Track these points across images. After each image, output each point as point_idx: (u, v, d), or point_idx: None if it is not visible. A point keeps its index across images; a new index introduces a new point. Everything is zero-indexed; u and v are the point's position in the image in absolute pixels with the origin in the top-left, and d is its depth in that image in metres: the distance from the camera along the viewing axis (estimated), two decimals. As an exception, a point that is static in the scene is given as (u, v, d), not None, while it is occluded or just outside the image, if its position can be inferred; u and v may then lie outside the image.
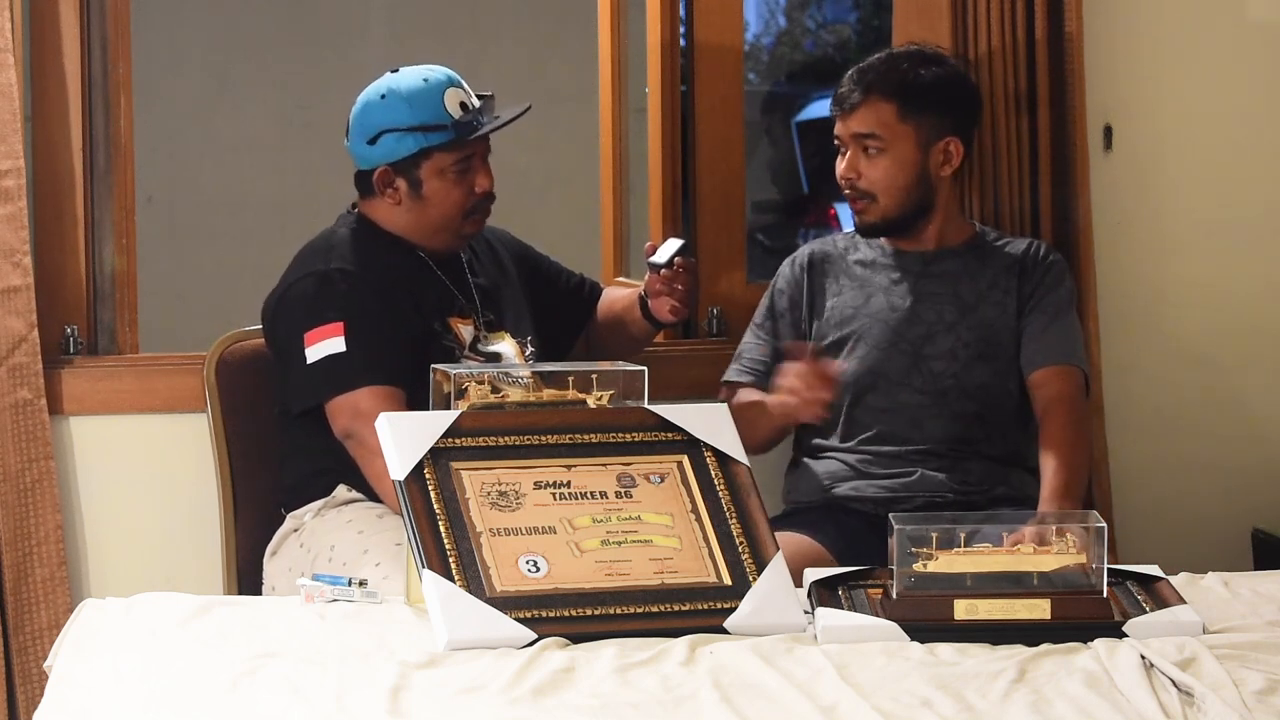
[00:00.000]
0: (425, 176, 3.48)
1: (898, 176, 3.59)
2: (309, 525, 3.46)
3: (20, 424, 3.73)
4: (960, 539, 2.71)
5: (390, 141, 3.46)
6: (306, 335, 3.38)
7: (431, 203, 3.50)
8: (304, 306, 3.42)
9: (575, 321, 3.78)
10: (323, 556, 3.36)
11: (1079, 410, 3.57)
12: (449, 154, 3.47)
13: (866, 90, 3.57)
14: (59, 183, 3.84)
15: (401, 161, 3.47)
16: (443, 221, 3.51)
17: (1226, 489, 4.09)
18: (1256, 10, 4.07)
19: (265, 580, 3.53)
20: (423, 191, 3.49)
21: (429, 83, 3.47)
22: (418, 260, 3.53)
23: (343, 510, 3.44)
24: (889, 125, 3.57)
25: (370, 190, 3.53)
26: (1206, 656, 2.54)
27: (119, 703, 2.43)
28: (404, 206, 3.51)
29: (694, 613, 2.68)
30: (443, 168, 3.48)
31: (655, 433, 2.85)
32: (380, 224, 3.53)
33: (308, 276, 3.45)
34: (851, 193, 3.61)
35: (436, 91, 3.47)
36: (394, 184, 3.49)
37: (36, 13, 3.80)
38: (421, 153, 3.47)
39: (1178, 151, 4.08)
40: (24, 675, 3.73)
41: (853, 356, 3.64)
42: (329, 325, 3.37)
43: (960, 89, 3.67)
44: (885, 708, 2.39)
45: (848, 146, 3.61)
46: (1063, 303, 3.64)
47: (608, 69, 4.28)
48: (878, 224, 3.63)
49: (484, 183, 3.51)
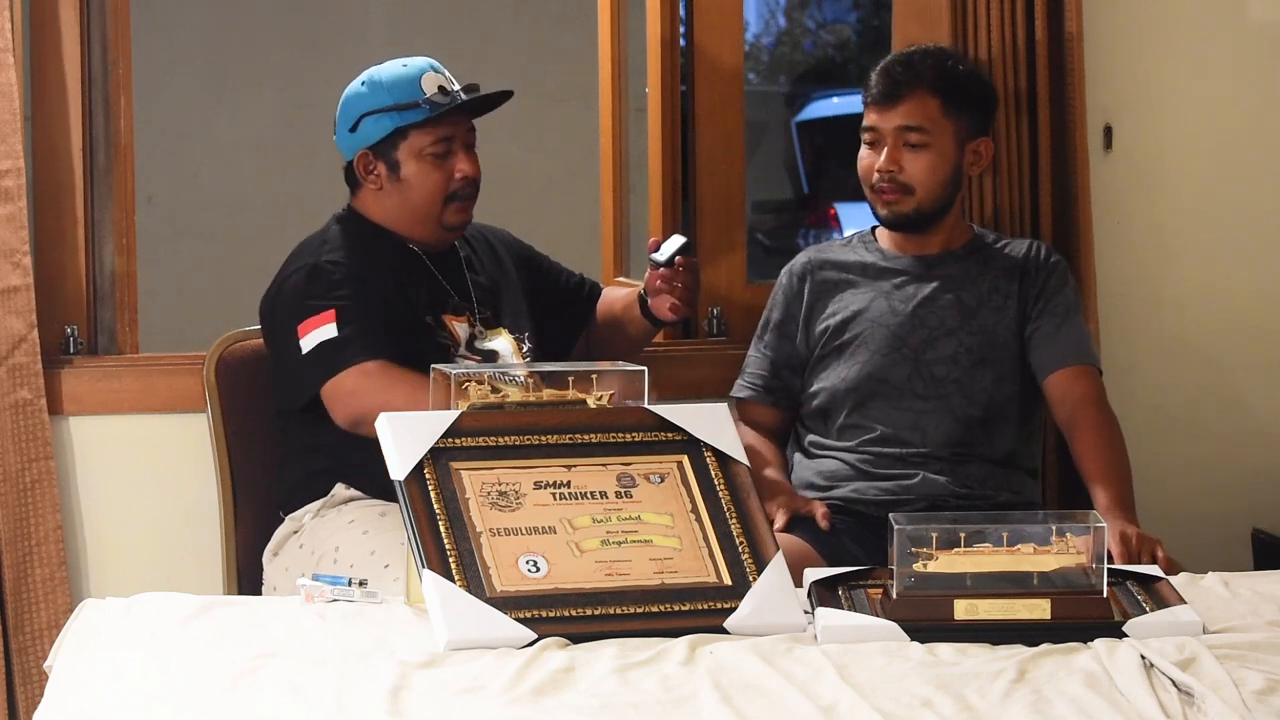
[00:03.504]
0: (403, 158, 3.49)
1: (939, 170, 3.58)
2: (309, 526, 3.46)
3: (20, 424, 3.73)
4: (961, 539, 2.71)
5: (369, 125, 3.48)
6: (299, 327, 3.38)
7: (411, 186, 3.50)
8: (296, 299, 3.42)
9: (576, 321, 3.78)
10: (327, 558, 3.36)
11: (1107, 410, 3.55)
12: (425, 133, 3.47)
13: (913, 84, 3.56)
14: (59, 183, 3.84)
15: (380, 144, 3.49)
16: (425, 207, 3.51)
17: (1226, 489, 4.09)
18: (1256, 10, 4.07)
19: (265, 581, 3.53)
20: (401, 174, 3.49)
21: (407, 67, 3.50)
22: (410, 254, 3.53)
23: (343, 510, 3.44)
24: (935, 119, 3.56)
25: (356, 181, 3.54)
26: (1206, 656, 2.54)
27: (119, 703, 2.43)
28: (385, 192, 3.51)
29: (694, 613, 2.68)
30: (420, 148, 3.48)
31: (655, 433, 2.85)
32: (369, 216, 3.54)
33: (299, 270, 3.46)
34: (889, 185, 3.58)
35: (415, 72, 3.49)
36: (374, 169, 3.50)
37: (36, 13, 3.80)
38: (398, 132, 3.47)
39: (1178, 151, 4.08)
40: (24, 675, 3.73)
41: (854, 361, 3.63)
42: (321, 314, 3.38)
43: (989, 90, 3.68)
44: (885, 708, 2.39)
45: (885, 139, 3.58)
46: (1070, 303, 3.64)
47: (608, 69, 4.28)
48: (910, 216, 3.61)
49: (465, 168, 3.50)
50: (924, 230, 3.64)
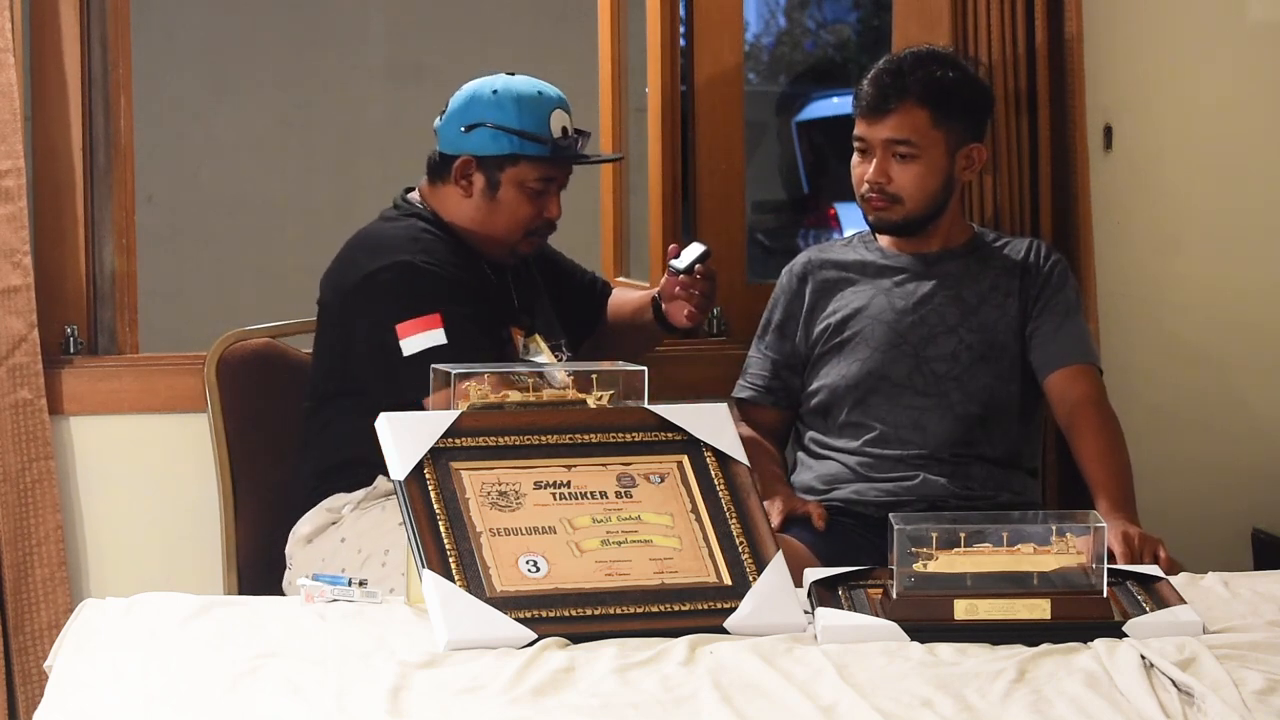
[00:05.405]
0: (505, 181, 3.48)
1: (928, 181, 3.57)
2: (350, 519, 3.41)
3: (20, 424, 3.73)
4: (961, 539, 2.71)
5: (485, 135, 3.46)
6: (399, 327, 3.35)
7: (501, 208, 3.49)
8: (396, 295, 3.38)
9: (588, 320, 3.77)
10: (375, 559, 3.31)
11: (1108, 410, 3.55)
12: (536, 168, 3.47)
13: (901, 95, 3.54)
14: (59, 183, 3.84)
15: (489, 158, 3.47)
16: (505, 232, 3.50)
17: (1226, 489, 4.09)
18: (1256, 10, 4.07)
19: (293, 568, 3.45)
20: (498, 195, 3.48)
21: (542, 95, 3.48)
22: (480, 265, 3.52)
23: (385, 507, 3.39)
24: (923, 132, 3.54)
25: (444, 176, 3.52)
26: (1206, 656, 2.54)
27: (119, 703, 2.43)
28: (473, 202, 3.50)
29: (694, 613, 2.68)
30: (525, 179, 3.47)
31: (655, 433, 2.85)
32: (442, 214, 3.51)
33: (394, 265, 3.41)
34: (877, 195, 3.58)
35: (546, 106, 3.47)
36: (471, 177, 3.49)
37: (36, 13, 3.80)
38: (511, 157, 3.46)
39: (1178, 151, 4.08)
40: (24, 675, 3.73)
41: (854, 359, 3.63)
42: (426, 318, 3.35)
43: (983, 94, 3.66)
44: (885, 708, 2.39)
45: (874, 150, 3.57)
46: (1071, 303, 3.64)
47: (608, 69, 4.28)
48: (899, 223, 3.61)
49: (554, 210, 3.52)
50: (917, 233, 3.64)
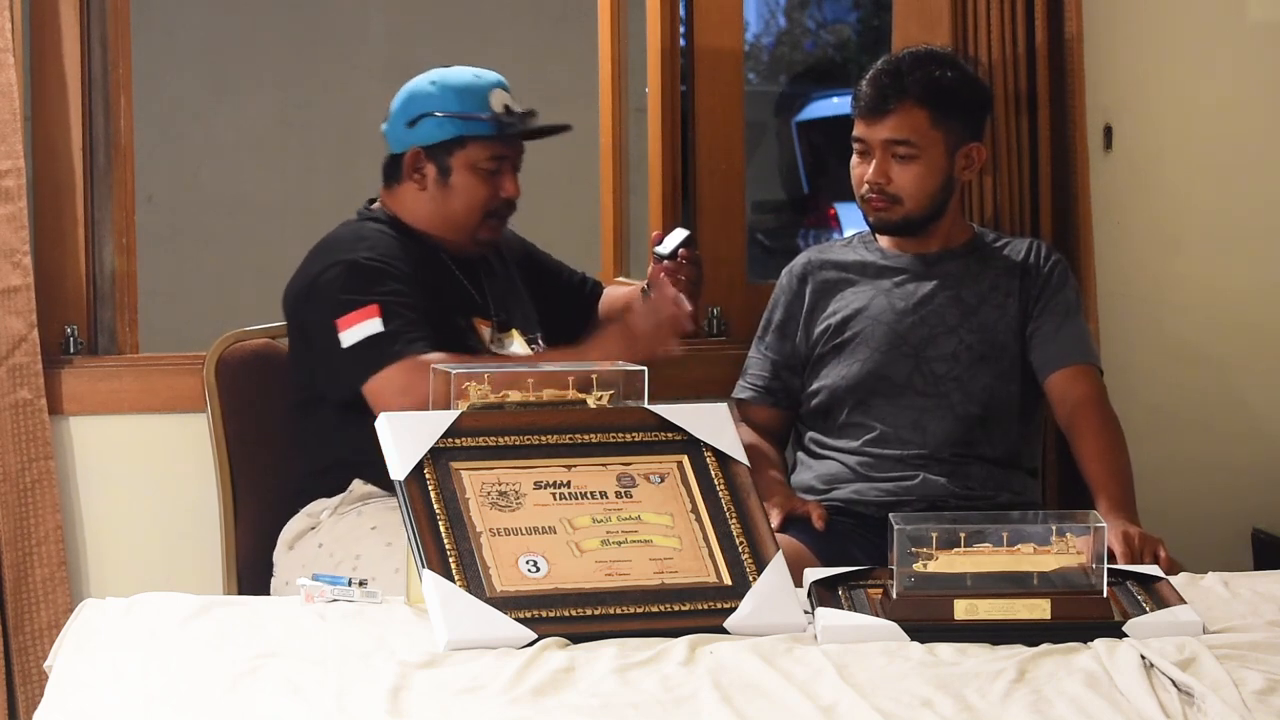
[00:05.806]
0: (456, 166, 3.50)
1: (928, 181, 3.57)
2: (327, 524, 3.44)
3: (20, 424, 3.73)
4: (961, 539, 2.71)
5: (430, 125, 3.49)
6: (338, 321, 3.36)
7: (456, 194, 3.51)
8: (335, 293, 3.40)
9: (578, 320, 3.78)
10: (346, 564, 3.33)
11: (1108, 410, 3.55)
12: (484, 147, 3.50)
13: (900, 96, 3.54)
14: (59, 183, 3.84)
15: (436, 146, 3.50)
16: (463, 217, 3.52)
17: (1226, 489, 4.09)
18: (1256, 10, 4.07)
19: (277, 574, 3.49)
20: (450, 180, 3.51)
21: (480, 78, 3.52)
22: (440, 259, 3.53)
23: (362, 511, 3.41)
24: (922, 132, 3.54)
25: (397, 176, 3.54)
26: (1206, 656, 2.54)
27: (119, 703, 2.42)
28: (428, 194, 3.52)
29: (694, 613, 2.68)
30: (475, 161, 3.50)
31: (655, 433, 2.85)
32: (402, 216, 3.54)
33: (335, 264, 3.43)
34: (877, 195, 3.58)
35: (485, 87, 3.51)
36: (423, 169, 3.51)
37: (36, 13, 3.80)
38: (458, 140, 3.49)
39: (1178, 151, 4.08)
40: (24, 675, 3.73)
41: (855, 359, 3.63)
42: (363, 309, 3.36)
43: (982, 93, 3.66)
44: (885, 708, 2.39)
45: (874, 151, 3.57)
46: (1071, 303, 3.64)
47: (608, 69, 4.28)
48: (899, 223, 3.61)
49: (510, 188, 3.53)
50: (917, 234, 3.64)
